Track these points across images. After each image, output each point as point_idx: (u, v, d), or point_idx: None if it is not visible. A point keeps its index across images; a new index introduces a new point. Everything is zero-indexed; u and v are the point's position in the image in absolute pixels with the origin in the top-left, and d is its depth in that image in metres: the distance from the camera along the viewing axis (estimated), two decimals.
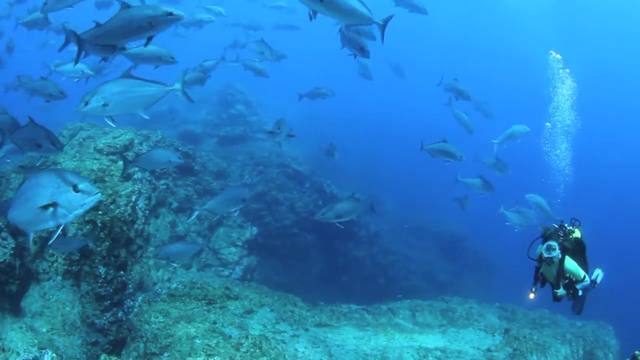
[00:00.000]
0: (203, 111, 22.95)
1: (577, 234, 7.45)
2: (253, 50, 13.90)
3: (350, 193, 12.03)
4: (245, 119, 22.51)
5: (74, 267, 10.32)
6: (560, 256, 7.07)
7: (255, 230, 15.64)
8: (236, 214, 14.24)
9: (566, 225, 7.39)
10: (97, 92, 6.84)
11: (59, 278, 10.34)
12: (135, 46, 9.39)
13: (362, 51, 10.80)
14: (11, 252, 9.84)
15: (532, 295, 7.58)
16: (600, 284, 7.71)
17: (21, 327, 9.47)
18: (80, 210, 5.81)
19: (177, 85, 7.34)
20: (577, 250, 7.32)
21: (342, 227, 12.13)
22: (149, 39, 6.73)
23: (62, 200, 5.63)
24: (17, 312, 9.86)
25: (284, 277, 16.72)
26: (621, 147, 44.09)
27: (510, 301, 14.89)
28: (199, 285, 10.95)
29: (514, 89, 45.19)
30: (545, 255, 7.08)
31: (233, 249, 14.67)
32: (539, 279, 7.53)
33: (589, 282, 7.27)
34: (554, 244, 7.06)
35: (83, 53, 7.12)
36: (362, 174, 23.55)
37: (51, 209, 5.64)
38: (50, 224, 5.85)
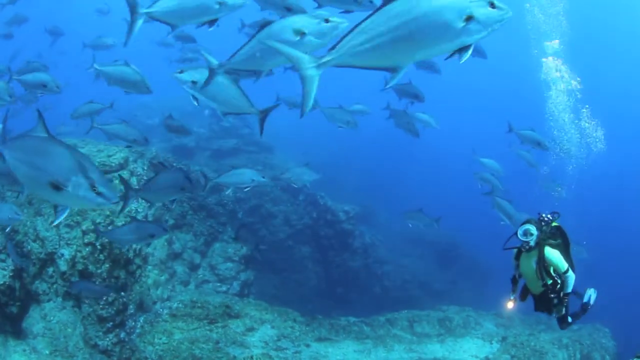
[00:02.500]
0: (195, 124, 22.95)
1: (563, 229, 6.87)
2: None
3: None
4: (238, 131, 22.51)
5: (74, 290, 10.34)
6: (536, 240, 6.43)
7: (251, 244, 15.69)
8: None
9: (545, 215, 6.79)
10: (197, 71, 6.53)
11: (59, 299, 10.33)
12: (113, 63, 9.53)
13: (417, 98, 11.33)
14: (10, 273, 9.87)
15: (510, 305, 6.94)
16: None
17: (24, 350, 9.51)
18: None
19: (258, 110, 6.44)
20: (561, 243, 6.69)
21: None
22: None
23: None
24: (18, 333, 9.87)
25: (280, 290, 16.76)
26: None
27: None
28: (199, 305, 11.00)
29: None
30: (522, 238, 6.48)
31: (230, 264, 14.69)
32: (517, 282, 6.92)
33: (573, 276, 6.57)
34: (531, 227, 6.47)
35: None
36: (356, 185, 23.64)
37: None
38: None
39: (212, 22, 6.24)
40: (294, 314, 11.97)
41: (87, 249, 10.40)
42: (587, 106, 16.14)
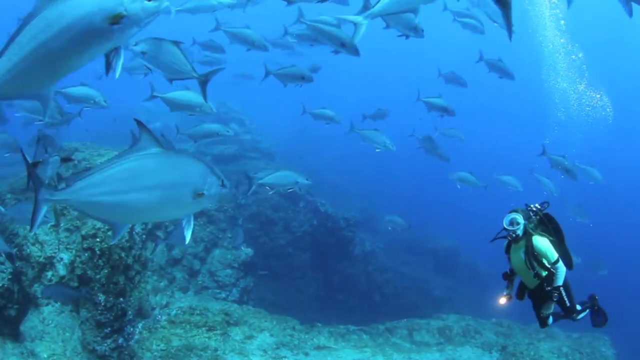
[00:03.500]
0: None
1: (552, 216, 6.56)
2: None
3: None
4: (238, 137, 22.47)
5: None
6: (523, 229, 6.21)
7: (250, 251, 15.65)
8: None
9: (533, 205, 6.51)
10: (147, 42, 6.78)
11: (58, 303, 10.34)
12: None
13: (447, 112, 13.08)
14: (9, 276, 9.84)
15: (503, 300, 6.71)
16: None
17: (22, 353, 9.52)
18: None
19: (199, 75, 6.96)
20: (552, 232, 6.42)
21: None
22: None
23: None
24: (16, 336, 9.87)
25: (280, 297, 16.72)
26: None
27: (506, 315, 14.98)
28: (198, 312, 10.98)
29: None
30: (508, 228, 6.25)
31: (229, 271, 14.68)
32: (510, 277, 6.72)
33: (564, 269, 6.24)
34: (517, 216, 6.24)
35: None
36: (356, 191, 23.64)
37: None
38: None
39: None
40: (293, 322, 11.95)
41: (86, 254, 10.38)
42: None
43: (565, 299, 6.39)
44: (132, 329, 10.61)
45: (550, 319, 6.56)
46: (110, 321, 10.18)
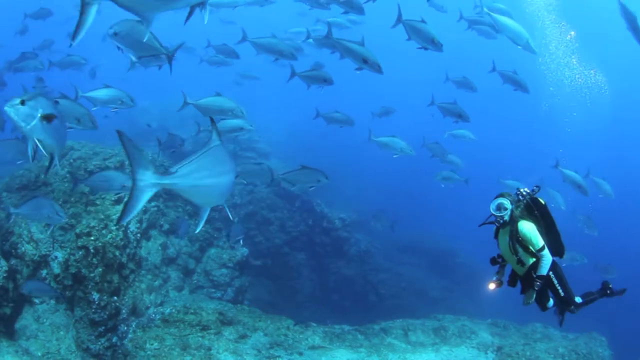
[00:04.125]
0: (193, 129, 22.82)
1: (540, 202, 6.35)
2: None
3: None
4: (235, 137, 22.41)
5: (67, 292, 10.35)
6: (510, 214, 6.07)
7: (246, 250, 15.60)
8: None
9: (523, 189, 6.34)
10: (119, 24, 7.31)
11: (52, 302, 10.39)
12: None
13: (461, 117, 13.25)
14: (4, 274, 9.86)
15: (492, 286, 6.51)
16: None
17: (17, 351, 9.51)
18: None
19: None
20: (539, 218, 6.23)
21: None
22: None
23: None
24: (11, 334, 9.88)
25: (275, 297, 16.70)
26: None
27: (502, 315, 14.95)
28: (192, 311, 10.94)
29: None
30: (495, 213, 6.13)
31: (224, 270, 14.61)
32: (499, 263, 6.54)
33: (549, 258, 6.07)
34: (504, 201, 6.11)
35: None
36: (352, 192, 23.58)
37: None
38: None
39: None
40: (287, 322, 11.91)
41: (80, 253, 10.39)
42: None
43: (558, 288, 6.29)
44: (126, 328, 10.59)
45: (551, 302, 6.42)
46: (104, 320, 10.18)
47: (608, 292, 6.81)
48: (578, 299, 6.55)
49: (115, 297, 10.48)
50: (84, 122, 9.00)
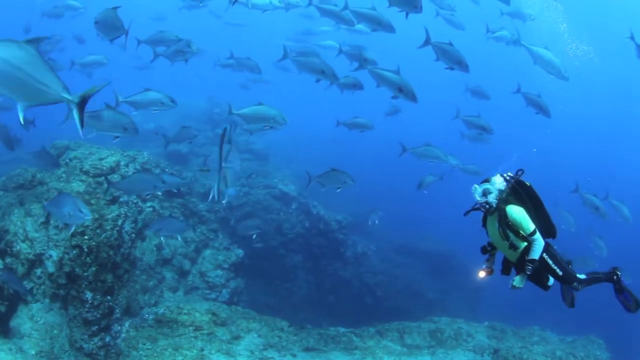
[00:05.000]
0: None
1: (525, 184, 6.12)
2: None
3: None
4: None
5: (61, 291, 10.35)
6: (496, 199, 5.87)
7: (241, 252, 15.56)
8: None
9: (507, 174, 6.07)
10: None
11: (47, 300, 10.37)
12: None
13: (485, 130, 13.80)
14: None
15: (483, 274, 6.30)
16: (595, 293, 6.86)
17: (11, 349, 9.50)
18: None
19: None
20: (527, 200, 6.03)
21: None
22: None
23: None
24: (6, 332, 9.86)
25: (271, 299, 16.66)
26: None
27: (499, 318, 14.90)
28: (185, 311, 10.91)
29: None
30: (480, 199, 5.95)
31: (220, 272, 14.58)
32: (489, 251, 6.34)
33: (541, 242, 5.87)
34: (489, 186, 5.93)
35: None
36: (349, 194, 23.49)
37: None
38: None
39: None
40: (282, 323, 11.86)
41: (74, 252, 10.35)
42: None
43: (555, 269, 6.05)
44: (119, 328, 10.57)
45: (551, 280, 6.13)
46: (97, 319, 10.15)
47: (615, 277, 6.50)
48: (581, 275, 6.28)
49: (109, 297, 10.44)
50: (129, 131, 9.15)
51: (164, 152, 20.58)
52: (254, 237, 15.58)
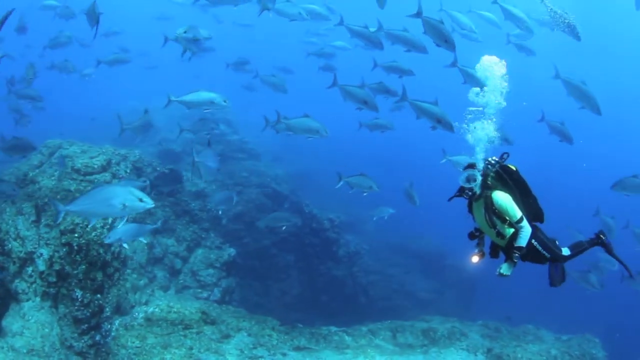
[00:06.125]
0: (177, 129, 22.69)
1: (511, 168, 5.95)
2: None
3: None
4: (225, 137, 22.28)
5: (51, 289, 10.35)
6: (481, 185, 5.71)
7: (233, 251, 15.49)
8: None
9: (492, 158, 5.92)
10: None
11: (38, 299, 10.36)
12: None
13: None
14: None
15: (475, 259, 6.19)
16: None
17: (2, 347, 9.57)
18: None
19: None
20: (513, 186, 5.86)
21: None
22: None
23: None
24: None
25: (263, 298, 16.59)
26: None
27: (494, 317, 14.85)
28: (175, 310, 10.87)
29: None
30: (464, 185, 5.76)
31: (211, 271, 14.52)
32: (478, 236, 6.22)
33: (528, 229, 5.71)
34: (474, 172, 5.75)
35: None
36: (341, 193, 23.43)
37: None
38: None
39: None
40: (272, 322, 11.81)
41: (64, 250, 10.31)
42: None
43: (545, 254, 5.92)
44: (109, 326, 10.56)
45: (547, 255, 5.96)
46: (87, 317, 10.16)
47: (599, 241, 6.37)
48: (566, 251, 6.16)
49: (99, 295, 10.40)
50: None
51: (156, 150, 20.55)
52: (283, 228, 16.25)
